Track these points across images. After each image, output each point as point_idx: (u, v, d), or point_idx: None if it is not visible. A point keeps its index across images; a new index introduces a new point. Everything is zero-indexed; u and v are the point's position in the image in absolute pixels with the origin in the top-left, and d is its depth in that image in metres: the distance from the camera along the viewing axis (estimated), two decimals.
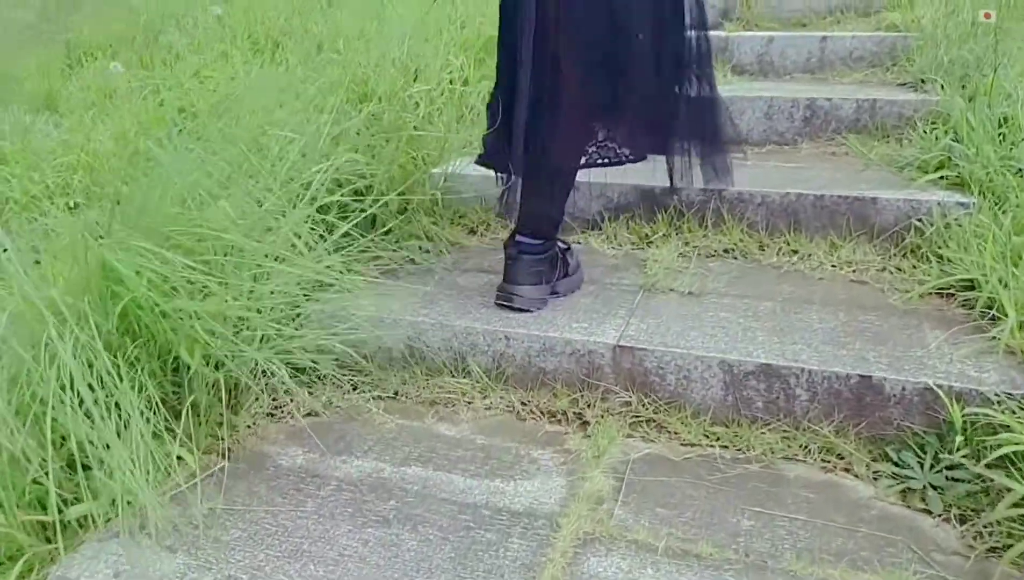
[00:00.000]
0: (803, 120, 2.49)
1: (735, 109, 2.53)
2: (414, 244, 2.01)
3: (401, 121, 2.24)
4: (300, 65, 2.37)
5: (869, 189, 1.94)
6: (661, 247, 1.99)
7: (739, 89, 2.71)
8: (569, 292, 1.75)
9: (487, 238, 2.15)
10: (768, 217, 1.98)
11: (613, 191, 2.09)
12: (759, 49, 3.09)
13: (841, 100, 2.45)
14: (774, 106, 2.51)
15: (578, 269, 1.80)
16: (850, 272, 1.83)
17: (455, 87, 2.52)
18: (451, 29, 2.88)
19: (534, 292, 1.66)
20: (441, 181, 2.20)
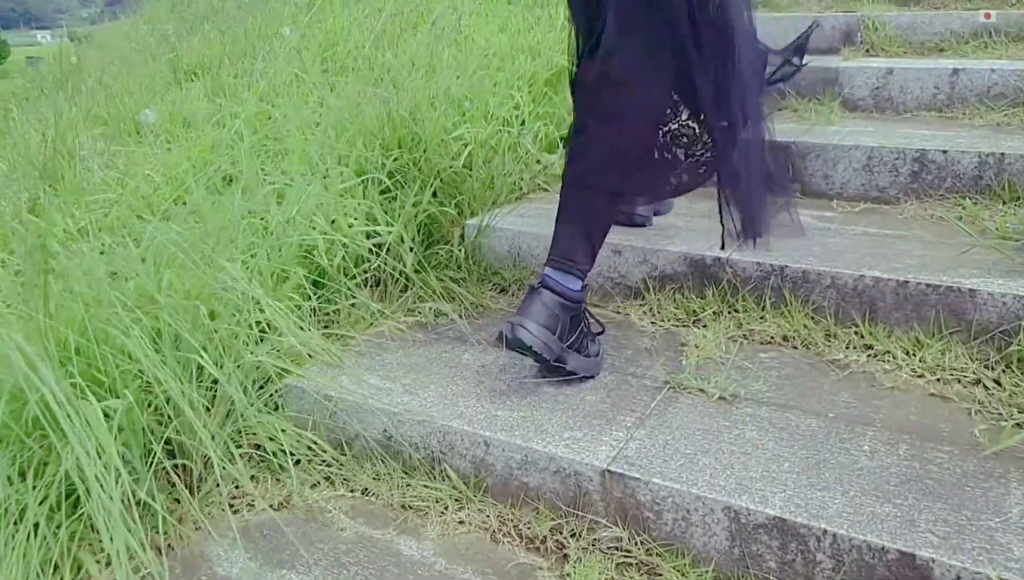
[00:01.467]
0: (910, 175, 2.12)
1: (828, 157, 2.19)
2: (429, 306, 1.84)
3: (438, 167, 2.07)
4: (346, 104, 2.25)
5: (970, 276, 1.58)
6: (709, 327, 1.71)
7: (841, 132, 2.35)
8: (579, 373, 1.51)
9: (518, 299, 1.93)
10: (839, 302, 1.65)
11: (658, 257, 1.82)
12: (874, 82, 2.69)
13: (959, 153, 2.05)
14: (875, 156, 2.14)
15: (598, 357, 1.56)
16: (932, 381, 1.49)
17: (507, 129, 2.32)
18: (522, 59, 2.68)
19: (544, 334, 1.42)
20: (475, 234, 2.02)
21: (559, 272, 1.49)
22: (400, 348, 1.68)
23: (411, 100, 2.25)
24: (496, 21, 3.03)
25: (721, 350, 1.63)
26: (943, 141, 2.17)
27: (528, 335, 1.41)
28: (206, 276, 1.38)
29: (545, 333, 1.43)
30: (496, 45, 2.78)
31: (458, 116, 2.29)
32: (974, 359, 1.52)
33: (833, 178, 2.20)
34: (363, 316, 1.75)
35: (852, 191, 2.19)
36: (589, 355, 1.54)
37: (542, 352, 1.42)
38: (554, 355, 1.45)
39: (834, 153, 2.19)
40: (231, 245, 1.59)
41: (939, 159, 2.08)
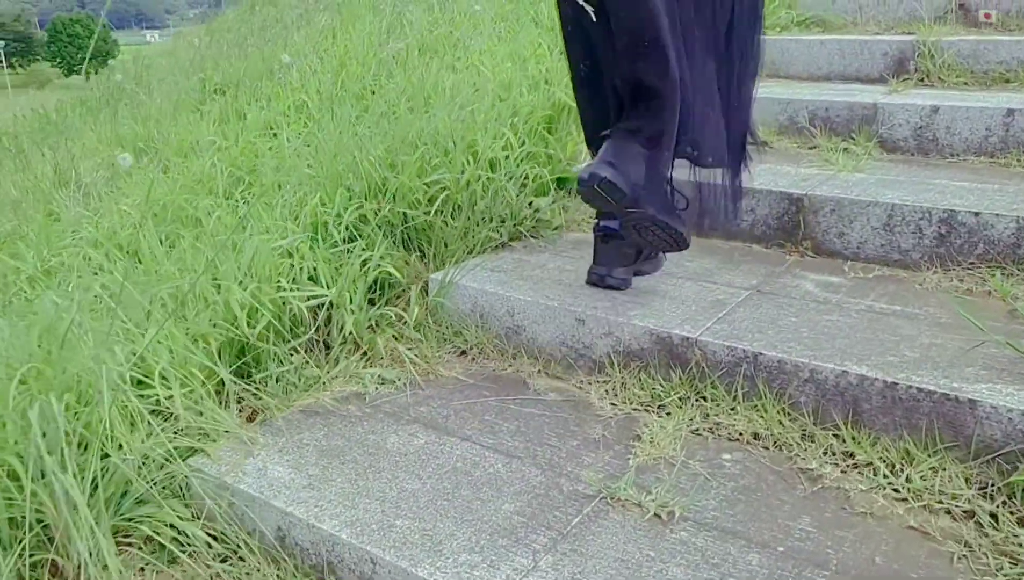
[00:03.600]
0: (936, 238, 1.85)
1: (844, 214, 1.94)
2: (373, 373, 1.69)
3: (405, 217, 1.93)
4: (325, 141, 2.13)
5: (975, 379, 1.33)
6: (673, 415, 1.52)
7: (866, 181, 2.09)
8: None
9: (476, 366, 1.78)
10: (818, 400, 1.43)
11: (623, 331, 1.63)
12: (917, 121, 2.41)
13: (993, 216, 1.78)
14: (897, 215, 1.89)
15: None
16: (916, 508, 1.25)
17: (492, 172, 2.15)
18: (524, 91, 2.51)
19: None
20: (437, 290, 1.87)
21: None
22: (324, 425, 1.55)
23: (393, 138, 2.12)
24: (510, 47, 2.87)
25: (678, 447, 1.43)
26: (980, 198, 1.89)
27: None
28: (83, 356, 1.27)
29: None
30: (502, 74, 2.62)
31: (440, 157, 2.14)
32: (971, 483, 1.27)
33: (849, 237, 1.95)
34: (295, 383, 1.62)
35: (870, 252, 1.93)
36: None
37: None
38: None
39: (850, 209, 1.94)
40: (144, 309, 1.49)
41: (970, 221, 1.80)
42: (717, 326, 1.58)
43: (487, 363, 1.78)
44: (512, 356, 1.79)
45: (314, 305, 1.69)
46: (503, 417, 1.56)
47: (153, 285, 1.65)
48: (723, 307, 1.69)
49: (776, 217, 2.05)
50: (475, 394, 1.65)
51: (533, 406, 1.60)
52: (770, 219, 2.06)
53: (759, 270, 1.91)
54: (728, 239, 2.13)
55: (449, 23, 3.35)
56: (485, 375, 1.73)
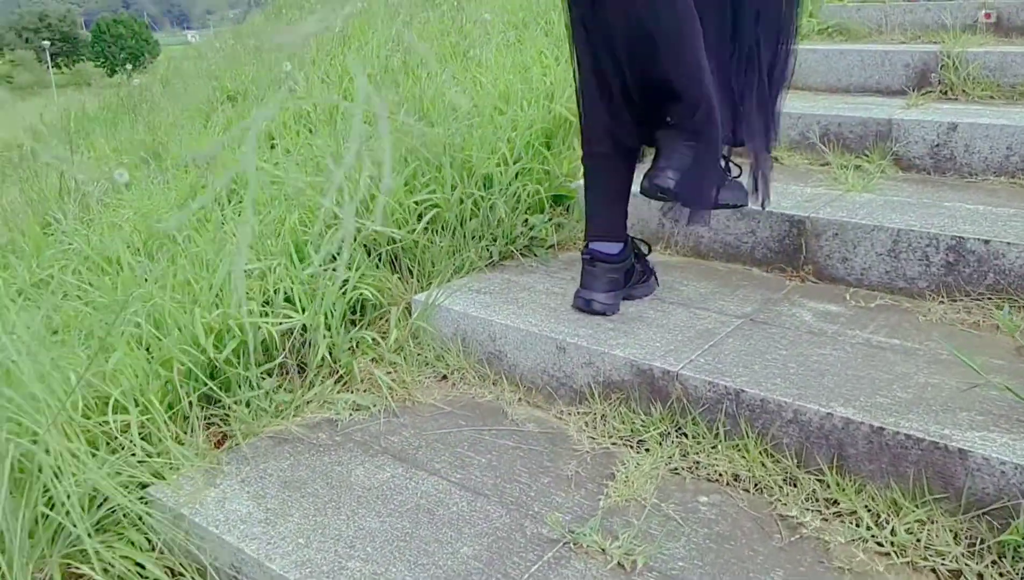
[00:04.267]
0: (944, 266, 1.76)
1: (848, 238, 1.86)
2: (347, 399, 1.65)
3: (394, 235, 1.88)
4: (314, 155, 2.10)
5: (968, 425, 1.25)
6: (652, 452, 1.45)
7: (874, 202, 2.00)
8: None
9: (455, 391, 1.72)
10: (802, 442, 1.35)
11: (603, 361, 1.57)
12: (934, 138, 2.30)
13: (1004, 245, 1.68)
14: (903, 241, 1.79)
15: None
16: (899, 564, 1.17)
17: (486, 189, 2.10)
18: (525, 104, 2.45)
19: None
20: (420, 311, 1.82)
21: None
22: (291, 454, 1.50)
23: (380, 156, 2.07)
24: (516, 57, 2.81)
25: (653, 488, 1.36)
26: (992, 224, 1.79)
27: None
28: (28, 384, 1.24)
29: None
30: (503, 86, 2.56)
31: (432, 173, 2.09)
32: (959, 540, 1.19)
33: (852, 262, 1.86)
34: (265, 409, 1.58)
35: (874, 279, 1.84)
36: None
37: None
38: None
39: (854, 233, 1.85)
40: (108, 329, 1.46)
41: (979, 250, 1.71)
42: (701, 359, 1.51)
43: (467, 389, 1.73)
44: (493, 382, 1.74)
45: (287, 328, 1.65)
46: (476, 449, 1.51)
47: (128, 304, 1.63)
48: (711, 337, 1.61)
49: (777, 240, 1.96)
50: (450, 423, 1.60)
51: (509, 438, 1.55)
52: (771, 242, 1.98)
53: (755, 296, 1.83)
54: (728, 261, 2.05)
55: (458, 31, 3.30)
56: (463, 402, 1.68)
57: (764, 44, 1.63)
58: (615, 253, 1.75)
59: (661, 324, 1.68)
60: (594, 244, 1.75)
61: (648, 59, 1.55)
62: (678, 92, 1.54)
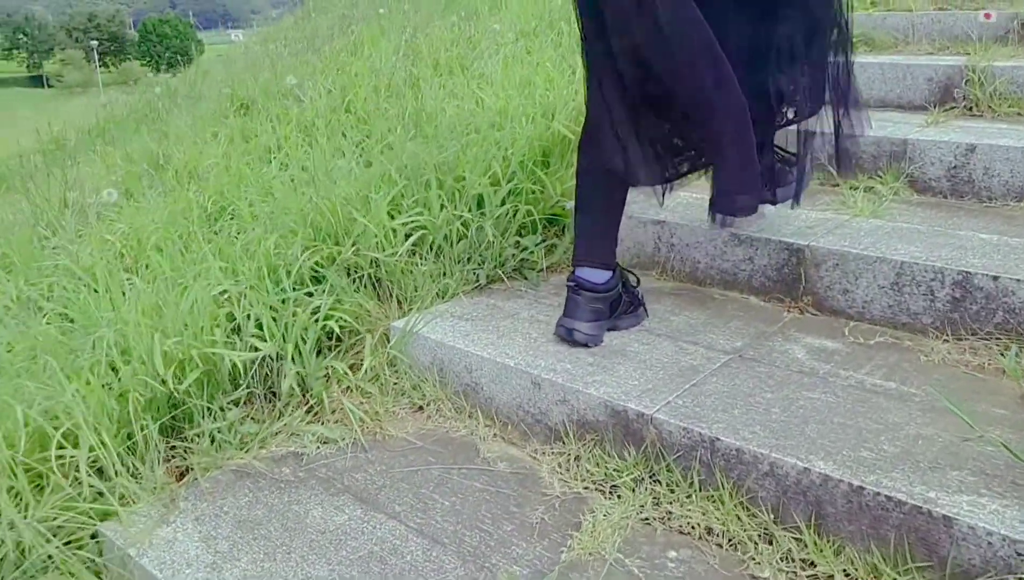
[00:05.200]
0: (950, 302, 1.65)
1: (849, 269, 1.76)
2: (317, 431, 1.60)
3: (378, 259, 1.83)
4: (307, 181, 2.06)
5: (956, 488, 1.15)
6: (623, 499, 1.38)
7: (881, 229, 1.90)
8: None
9: (430, 424, 1.67)
10: (779, 496, 1.27)
11: (578, 399, 1.50)
12: (951, 160, 2.18)
13: (1014, 282, 1.57)
14: (906, 273, 1.69)
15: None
16: None
17: (474, 211, 2.04)
18: (524, 121, 2.39)
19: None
20: (399, 338, 1.76)
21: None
22: (251, 490, 1.46)
23: (372, 175, 2.03)
24: (522, 71, 2.74)
25: (620, 540, 1.29)
26: (1004, 258, 1.68)
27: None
28: None
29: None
30: (504, 101, 2.50)
31: (420, 192, 2.04)
32: None
33: (854, 295, 1.77)
34: (229, 441, 1.54)
35: (876, 313, 1.74)
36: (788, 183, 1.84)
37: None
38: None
39: (855, 264, 1.75)
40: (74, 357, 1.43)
41: (987, 286, 1.60)
42: (679, 400, 1.43)
43: (442, 422, 1.67)
44: (469, 415, 1.67)
45: (257, 356, 1.60)
46: (441, 491, 1.45)
47: (98, 329, 1.60)
48: (694, 375, 1.53)
49: (775, 268, 1.87)
50: (419, 460, 1.54)
51: (477, 478, 1.48)
52: (769, 270, 1.88)
53: (748, 329, 1.74)
54: (725, 288, 1.96)
55: (467, 42, 3.25)
56: (436, 437, 1.62)
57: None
58: (601, 282, 1.68)
59: (644, 359, 1.60)
60: (580, 271, 1.68)
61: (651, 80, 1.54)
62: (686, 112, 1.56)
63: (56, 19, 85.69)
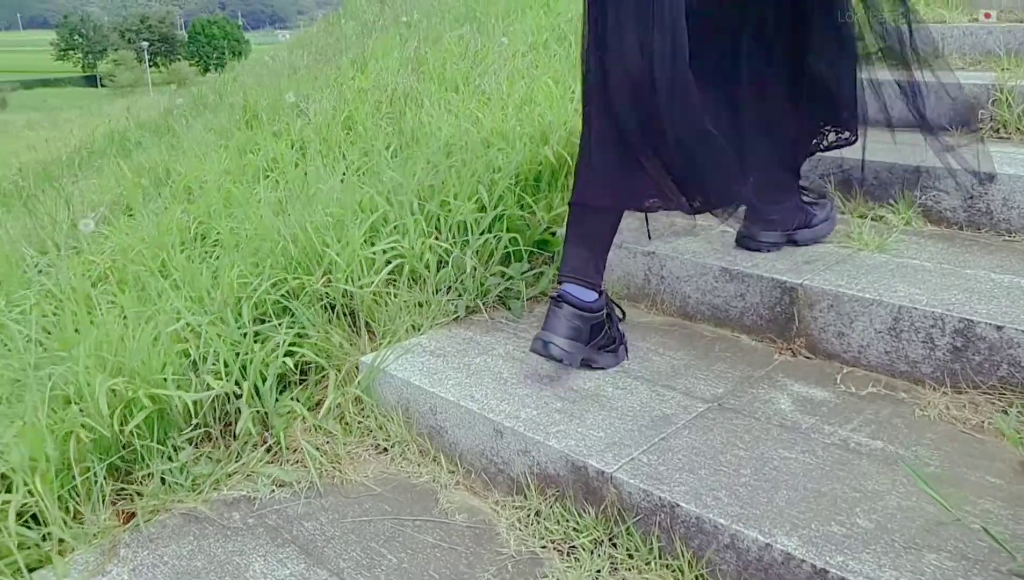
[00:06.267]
0: (951, 351, 1.53)
1: (844, 311, 1.65)
2: (273, 473, 1.54)
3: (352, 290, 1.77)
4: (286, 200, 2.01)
5: (927, 579, 1.04)
6: (580, 563, 1.29)
7: (885, 267, 1.78)
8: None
9: (392, 468, 1.60)
10: (740, 571, 1.17)
11: (539, 451, 1.41)
12: (968, 190, 2.05)
13: (1021, 333, 1.44)
14: (904, 319, 1.57)
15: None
16: None
17: (458, 237, 1.96)
18: (520, 144, 2.31)
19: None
20: (367, 374, 1.70)
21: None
22: (196, 537, 1.40)
23: (350, 200, 1.96)
24: (524, 87, 2.66)
25: None
26: (1012, 304, 1.55)
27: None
28: None
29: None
30: (500, 121, 2.42)
31: (403, 218, 1.97)
32: None
33: (849, 338, 1.65)
34: (180, 483, 1.49)
35: (873, 359, 1.62)
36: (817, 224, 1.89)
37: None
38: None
39: (851, 306, 1.64)
40: None
41: (991, 336, 1.48)
42: (645, 457, 1.34)
43: (405, 466, 1.60)
44: (433, 459, 1.60)
45: (209, 395, 1.55)
46: (391, 545, 1.38)
47: (55, 363, 1.56)
48: (667, 426, 1.44)
49: (768, 307, 1.76)
50: (374, 509, 1.47)
51: (431, 531, 1.41)
52: (761, 308, 1.78)
53: (733, 373, 1.64)
54: (716, 325, 1.86)
55: (473, 56, 3.18)
56: (396, 482, 1.55)
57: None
58: (588, 301, 1.60)
59: (615, 406, 1.51)
60: (567, 285, 1.61)
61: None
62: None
63: (111, 20, 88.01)
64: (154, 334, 1.56)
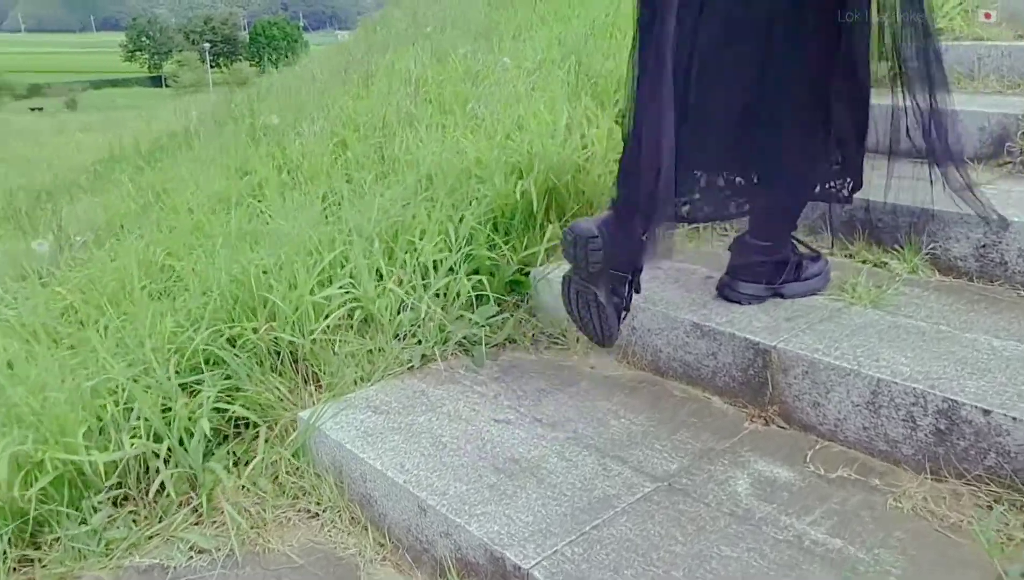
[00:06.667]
0: (933, 433, 1.36)
1: (819, 379, 1.49)
2: (191, 539, 1.46)
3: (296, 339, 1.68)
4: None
5: None
6: None
7: (874, 328, 1.61)
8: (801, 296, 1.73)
9: (320, 536, 1.50)
10: None
11: (460, 535, 1.30)
12: (980, 237, 1.86)
13: (1010, 420, 1.27)
14: (883, 393, 1.41)
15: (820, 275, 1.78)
16: None
17: (423, 278, 1.86)
18: (498, 176, 2.19)
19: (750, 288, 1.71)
20: (301, 432, 1.60)
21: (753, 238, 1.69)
22: None
23: (302, 240, 1.88)
24: (520, 111, 2.54)
25: None
26: (1006, 383, 1.37)
27: (735, 294, 1.71)
28: None
29: (751, 286, 1.70)
30: (487, 149, 2.31)
31: (366, 256, 1.88)
32: None
33: (825, 410, 1.49)
34: (92, 549, 1.42)
35: (850, 434, 1.46)
36: (808, 277, 1.77)
37: (751, 302, 1.70)
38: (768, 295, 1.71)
39: (826, 375, 1.48)
40: None
41: (977, 421, 1.30)
42: (570, 550, 1.21)
43: (335, 534, 1.50)
44: (364, 528, 1.50)
45: (124, 456, 1.47)
46: None
47: None
48: (604, 510, 1.31)
49: (740, 368, 1.61)
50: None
51: None
52: (734, 370, 1.63)
53: (694, 444, 1.49)
54: (689, 383, 1.72)
55: (473, 77, 3.07)
56: (320, 554, 1.45)
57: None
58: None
59: (554, 483, 1.39)
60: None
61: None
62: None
63: (178, 22, 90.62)
64: (77, 387, 1.49)
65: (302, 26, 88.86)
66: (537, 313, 1.99)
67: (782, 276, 1.76)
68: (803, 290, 1.78)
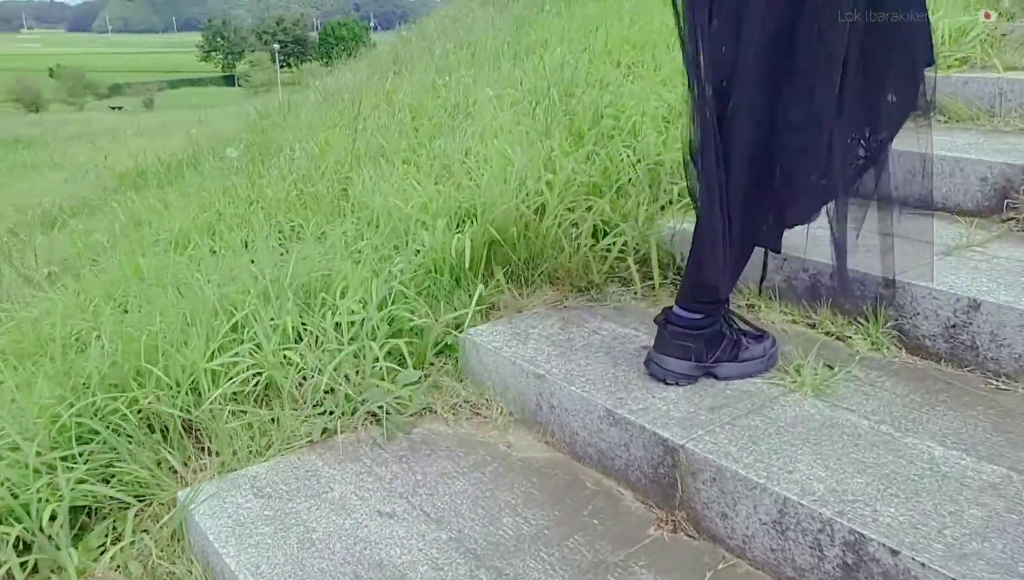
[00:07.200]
0: (841, 567, 1.19)
1: (726, 489, 1.32)
2: None
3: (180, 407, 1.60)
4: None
5: None
6: None
7: (811, 421, 1.43)
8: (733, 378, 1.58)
9: None
10: None
11: None
12: (950, 317, 1.65)
13: (919, 565, 1.09)
14: (790, 513, 1.24)
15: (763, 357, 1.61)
16: None
17: (339, 342, 1.75)
18: (454, 217, 2.06)
19: (677, 365, 1.57)
20: (171, 515, 1.51)
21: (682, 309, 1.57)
22: None
23: (204, 300, 1.79)
24: (486, 149, 2.42)
25: None
26: (932, 510, 1.18)
27: (661, 371, 1.57)
28: None
29: (678, 363, 1.56)
30: (434, 194, 2.19)
31: (270, 320, 1.78)
32: None
33: (734, 523, 1.32)
34: None
35: (758, 554, 1.29)
36: (747, 358, 1.59)
37: (678, 382, 1.57)
38: (699, 374, 1.58)
39: (733, 485, 1.31)
40: None
41: (884, 560, 1.12)
42: None
43: None
44: None
45: None
46: None
47: None
48: None
49: (651, 466, 1.46)
50: None
51: None
52: (645, 466, 1.47)
53: (585, 555, 1.34)
54: (604, 473, 1.57)
55: (453, 109, 2.94)
56: None
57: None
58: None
59: None
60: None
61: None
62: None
63: (253, 22, 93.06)
64: None
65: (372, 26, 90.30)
66: (464, 378, 1.87)
67: (715, 354, 1.59)
68: (739, 372, 1.60)
